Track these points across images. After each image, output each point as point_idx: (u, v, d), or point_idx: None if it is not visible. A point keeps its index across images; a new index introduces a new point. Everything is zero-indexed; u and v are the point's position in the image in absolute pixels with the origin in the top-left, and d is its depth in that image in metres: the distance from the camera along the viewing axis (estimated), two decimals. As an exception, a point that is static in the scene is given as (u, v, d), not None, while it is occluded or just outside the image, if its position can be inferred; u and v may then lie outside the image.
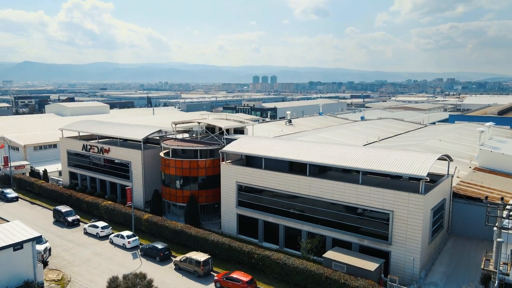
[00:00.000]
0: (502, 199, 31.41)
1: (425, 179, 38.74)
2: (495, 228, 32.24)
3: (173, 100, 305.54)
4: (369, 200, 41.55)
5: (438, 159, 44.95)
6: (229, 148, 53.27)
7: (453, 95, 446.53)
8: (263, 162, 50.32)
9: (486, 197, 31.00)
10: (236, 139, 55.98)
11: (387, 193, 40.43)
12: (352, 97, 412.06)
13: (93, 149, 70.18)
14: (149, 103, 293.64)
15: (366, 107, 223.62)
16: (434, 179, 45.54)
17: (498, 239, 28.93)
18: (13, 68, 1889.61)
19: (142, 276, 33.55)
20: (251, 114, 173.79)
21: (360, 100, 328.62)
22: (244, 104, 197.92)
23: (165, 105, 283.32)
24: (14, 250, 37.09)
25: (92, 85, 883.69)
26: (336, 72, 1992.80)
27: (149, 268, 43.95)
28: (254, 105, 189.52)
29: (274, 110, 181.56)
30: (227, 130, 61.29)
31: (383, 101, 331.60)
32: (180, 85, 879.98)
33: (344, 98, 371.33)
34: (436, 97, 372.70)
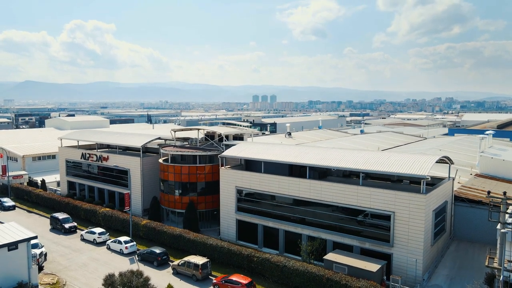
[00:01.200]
0: (504, 193, 30.97)
1: (426, 178, 38.34)
2: (498, 226, 31.73)
3: (173, 118, 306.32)
4: (370, 201, 41.04)
5: (439, 161, 44.77)
6: (228, 153, 52.98)
7: (452, 113, 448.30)
8: (262, 166, 49.97)
9: (489, 192, 30.60)
10: (235, 145, 55.75)
11: (388, 194, 39.96)
12: (351, 115, 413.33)
13: (92, 157, 69.84)
14: (149, 120, 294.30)
15: (366, 123, 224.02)
16: (435, 183, 45.12)
17: (502, 230, 28.37)
18: (15, 88, 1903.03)
19: (139, 273, 32.80)
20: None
21: (359, 118, 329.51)
22: (244, 120, 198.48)
23: (165, 122, 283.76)
24: (9, 250, 36.39)
25: (92, 104, 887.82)
26: (335, 91, 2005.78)
27: (147, 273, 42.51)
28: (253, 120, 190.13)
29: (273, 125, 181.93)
30: (227, 137, 61.14)
31: (383, 118, 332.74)
32: (180, 104, 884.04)
33: (343, 116, 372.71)
34: (435, 116, 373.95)
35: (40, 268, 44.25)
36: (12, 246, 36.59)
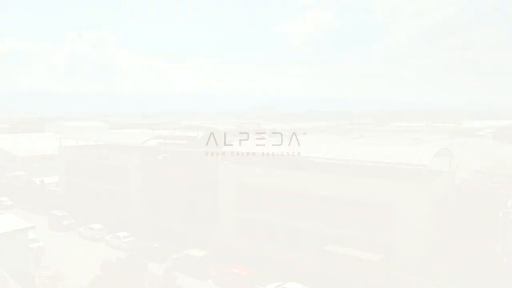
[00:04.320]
0: (507, 177, 30.74)
1: (427, 167, 38.13)
2: (500, 214, 31.41)
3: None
4: (370, 192, 40.72)
5: (440, 155, 44.51)
6: (228, 148, 52.71)
7: (451, 123, 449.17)
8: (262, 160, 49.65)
9: (491, 175, 30.40)
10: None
11: (389, 184, 39.72)
12: (351, 123, 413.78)
13: (91, 156, 69.54)
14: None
15: (366, 130, 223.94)
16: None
17: (505, 209, 28.02)
18: (15, 97, 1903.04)
19: (137, 259, 32.38)
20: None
21: (358, 125, 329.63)
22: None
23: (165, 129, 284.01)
24: (5, 239, 35.94)
25: (93, 113, 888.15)
26: (335, 100, 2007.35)
27: (145, 266, 42.53)
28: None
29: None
30: (228, 133, 60.81)
31: (382, 126, 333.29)
32: (181, 113, 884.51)
33: (343, 125, 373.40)
34: (435, 124, 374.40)
35: (37, 262, 43.74)
36: (9, 235, 36.16)
